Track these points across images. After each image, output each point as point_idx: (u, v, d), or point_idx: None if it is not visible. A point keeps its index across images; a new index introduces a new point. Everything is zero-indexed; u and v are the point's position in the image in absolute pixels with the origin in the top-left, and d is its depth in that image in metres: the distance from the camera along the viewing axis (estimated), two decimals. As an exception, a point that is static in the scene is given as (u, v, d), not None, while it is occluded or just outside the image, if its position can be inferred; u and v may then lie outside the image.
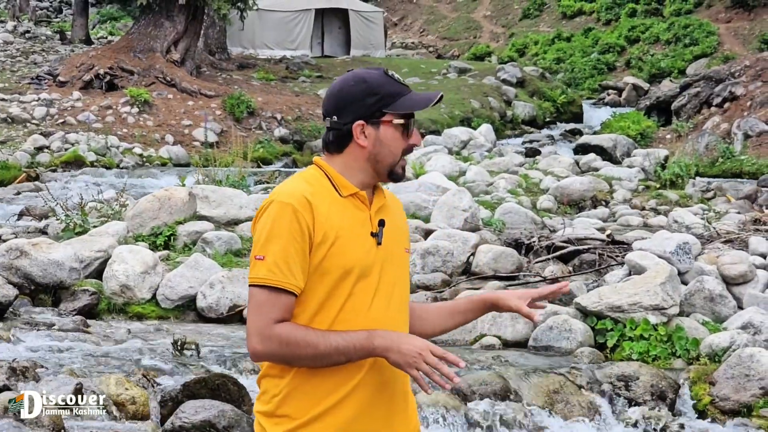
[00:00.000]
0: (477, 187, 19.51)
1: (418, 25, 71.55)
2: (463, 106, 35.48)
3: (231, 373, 8.47)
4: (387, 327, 3.91)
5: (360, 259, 3.92)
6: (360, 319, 3.90)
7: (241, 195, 14.46)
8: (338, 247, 3.89)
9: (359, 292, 3.92)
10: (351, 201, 3.99)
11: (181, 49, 33.80)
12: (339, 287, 3.90)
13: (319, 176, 4.02)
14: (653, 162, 22.96)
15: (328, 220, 3.89)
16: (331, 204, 3.93)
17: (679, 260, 10.69)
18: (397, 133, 4.00)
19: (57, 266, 10.82)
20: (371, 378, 3.92)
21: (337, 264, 3.89)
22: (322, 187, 3.98)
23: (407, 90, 4.03)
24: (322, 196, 3.94)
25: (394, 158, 4.00)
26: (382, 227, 3.98)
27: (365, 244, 3.94)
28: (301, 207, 3.86)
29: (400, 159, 4.02)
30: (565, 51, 53.53)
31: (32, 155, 25.41)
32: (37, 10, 64.51)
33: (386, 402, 3.96)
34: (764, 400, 8.67)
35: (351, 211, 3.97)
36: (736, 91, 30.61)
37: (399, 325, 3.99)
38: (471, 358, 9.30)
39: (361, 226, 3.96)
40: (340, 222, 3.92)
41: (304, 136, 30.71)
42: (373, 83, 4.01)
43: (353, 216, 3.96)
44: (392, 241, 4.03)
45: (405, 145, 4.01)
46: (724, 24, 50.06)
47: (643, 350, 9.49)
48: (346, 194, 3.98)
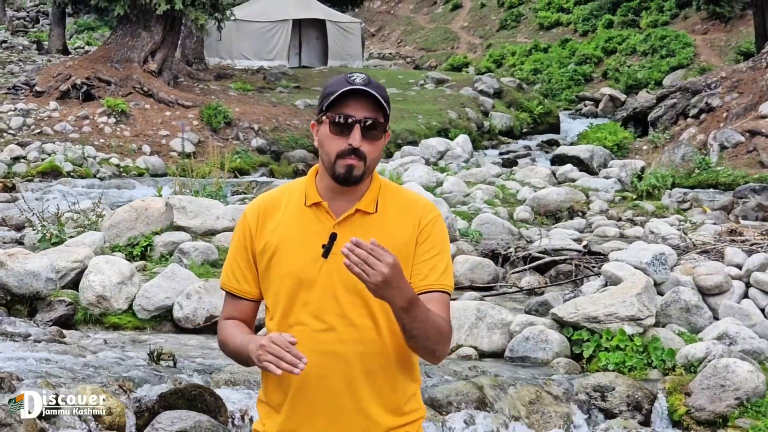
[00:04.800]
0: (454, 198, 19.53)
1: (395, 36, 71.69)
2: (440, 116, 35.51)
3: (207, 383, 8.45)
4: (314, 339, 3.95)
5: (296, 270, 3.96)
6: (289, 329, 3.98)
7: (218, 205, 14.43)
8: (277, 258, 4.00)
9: (295, 302, 3.98)
10: (313, 211, 4.01)
11: (158, 59, 33.74)
12: (279, 297, 4.01)
13: (300, 183, 4.09)
14: (630, 173, 23.03)
15: (275, 231, 4.01)
16: (288, 213, 4.01)
17: (655, 271, 10.73)
18: (330, 132, 3.97)
19: (33, 277, 10.79)
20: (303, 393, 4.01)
21: (275, 274, 4.01)
22: (292, 195, 4.06)
23: (347, 86, 3.96)
24: (285, 205, 4.04)
25: (329, 157, 3.97)
26: (333, 240, 3.90)
27: (310, 256, 3.95)
28: (250, 214, 4.09)
29: (337, 159, 3.95)
30: (542, 62, 53.69)
31: (9, 165, 25.32)
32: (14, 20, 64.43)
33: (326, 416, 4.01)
34: (740, 410, 8.71)
35: (308, 220, 4.00)
36: (712, 103, 30.72)
37: (334, 338, 3.98)
38: (447, 368, 9.30)
39: (313, 236, 3.97)
40: (288, 232, 3.99)
41: (282, 147, 30.68)
42: (329, 86, 4.01)
43: (307, 227, 3.99)
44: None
45: (342, 145, 3.94)
46: (701, 35, 50.32)
47: (619, 361, 9.51)
48: (309, 204, 4.02)
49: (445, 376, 9.04)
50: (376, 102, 3.95)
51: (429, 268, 4.03)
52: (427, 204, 4.11)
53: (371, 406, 4.01)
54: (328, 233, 3.93)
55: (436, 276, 4.02)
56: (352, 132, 3.92)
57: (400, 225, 4.05)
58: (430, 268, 4.03)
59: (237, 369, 8.67)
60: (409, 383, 4.12)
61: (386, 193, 4.09)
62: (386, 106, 3.99)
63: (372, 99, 3.95)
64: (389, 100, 4.04)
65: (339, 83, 3.95)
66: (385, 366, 4.00)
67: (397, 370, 4.05)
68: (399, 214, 4.06)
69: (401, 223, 4.05)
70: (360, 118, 3.93)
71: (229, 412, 8.02)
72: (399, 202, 4.08)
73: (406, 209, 4.07)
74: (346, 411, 3.99)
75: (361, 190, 4.04)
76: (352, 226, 3.98)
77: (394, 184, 4.19)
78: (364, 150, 3.93)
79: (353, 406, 3.99)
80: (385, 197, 4.07)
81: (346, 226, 3.98)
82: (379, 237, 3.87)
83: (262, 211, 4.05)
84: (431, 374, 8.96)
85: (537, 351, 9.90)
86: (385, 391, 4.03)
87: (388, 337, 3.98)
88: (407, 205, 4.08)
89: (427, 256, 4.03)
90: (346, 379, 3.97)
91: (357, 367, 3.97)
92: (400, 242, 4.00)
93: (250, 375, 8.54)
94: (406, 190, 4.19)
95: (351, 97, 3.94)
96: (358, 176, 3.96)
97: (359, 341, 3.98)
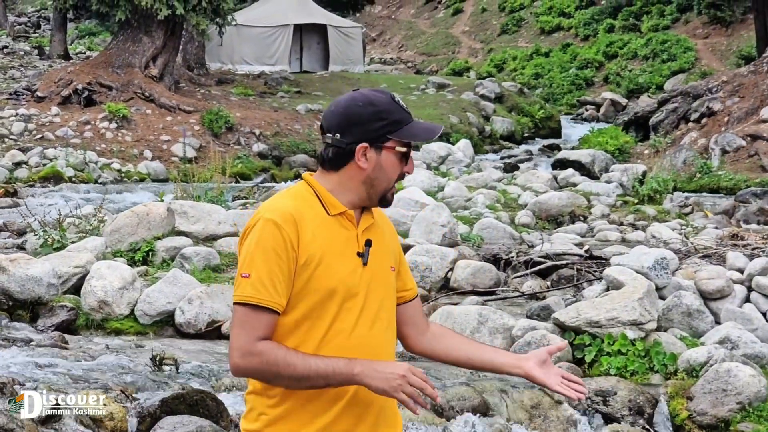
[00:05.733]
0: (455, 203, 19.54)
1: (396, 41, 71.73)
2: (441, 121, 35.49)
3: (209, 388, 8.45)
4: (372, 347, 3.95)
5: (344, 279, 3.92)
6: (344, 339, 3.92)
7: (219, 210, 14.43)
8: (323, 268, 3.89)
9: (344, 312, 3.93)
10: (338, 220, 3.98)
11: (159, 64, 33.78)
12: (324, 308, 3.91)
13: (307, 193, 4.01)
14: (631, 177, 23.01)
15: (314, 241, 3.89)
16: (317, 223, 3.93)
17: (656, 275, 10.72)
18: (397, 160, 4.00)
19: (35, 282, 10.78)
20: (356, 402, 3.94)
21: (322, 285, 3.89)
22: (309, 204, 3.97)
23: (411, 118, 4.01)
24: (309, 214, 3.93)
25: (388, 184, 4.01)
26: (369, 247, 3.97)
27: (350, 265, 3.95)
28: (286, 225, 3.85)
29: (393, 185, 4.02)
30: (543, 66, 53.75)
31: (10, 170, 25.35)
32: (16, 25, 64.48)
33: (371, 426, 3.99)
34: (741, 414, 8.70)
35: (337, 230, 3.96)
36: (713, 107, 30.72)
37: (384, 344, 4.03)
38: (449, 373, 9.30)
39: (346, 245, 3.96)
40: (326, 242, 3.91)
41: (283, 152, 30.70)
42: (381, 107, 3.96)
43: (339, 235, 3.96)
44: (379, 261, 4.03)
45: (401, 171, 4.02)
46: (702, 40, 50.33)
47: (621, 365, 9.51)
48: (334, 213, 3.97)
49: (446, 381, 9.04)
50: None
51: (409, 276, 4.30)
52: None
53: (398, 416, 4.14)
54: (354, 241, 3.98)
55: (413, 281, 4.33)
56: (410, 161, 4.05)
57: (390, 231, 4.23)
58: (409, 276, 4.31)
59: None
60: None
61: None
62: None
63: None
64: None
65: (399, 111, 4.00)
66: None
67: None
68: (384, 222, 4.20)
69: (389, 230, 4.22)
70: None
71: (231, 417, 8.01)
72: (377, 210, 4.17)
73: (382, 217, 4.21)
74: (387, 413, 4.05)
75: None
76: (370, 234, 4.04)
77: None
78: None
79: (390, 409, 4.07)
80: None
81: (368, 233, 4.04)
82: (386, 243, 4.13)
83: (297, 222, 3.90)
84: (432, 378, 8.96)
85: (539, 355, 9.88)
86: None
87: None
88: (381, 213, 4.21)
89: (405, 265, 4.30)
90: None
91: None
92: (395, 248, 4.20)
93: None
94: None
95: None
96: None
97: (393, 344, 4.13)
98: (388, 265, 4.09)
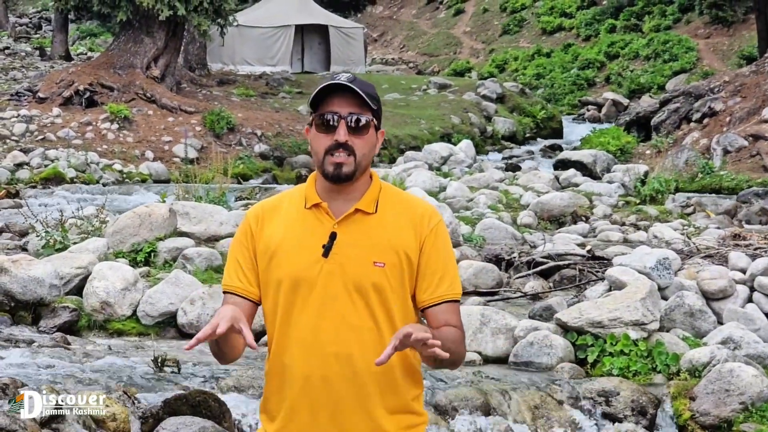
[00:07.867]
0: (457, 203, 19.54)
1: (398, 41, 71.72)
2: (443, 122, 35.53)
3: (212, 389, 8.45)
4: (320, 341, 3.95)
5: (295, 271, 3.96)
6: (299, 330, 3.98)
7: (221, 211, 14.43)
8: (278, 260, 4.00)
9: (301, 303, 3.97)
10: (313, 212, 4.02)
11: (161, 65, 33.77)
12: (284, 298, 3.99)
13: (301, 188, 4.12)
14: (633, 177, 23.02)
15: (275, 233, 4.02)
16: (290, 215, 4.04)
17: (659, 275, 10.71)
18: (318, 132, 4.00)
19: (37, 283, 10.78)
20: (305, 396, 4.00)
21: (273, 276, 4.01)
22: (292, 198, 4.09)
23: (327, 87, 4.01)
24: (286, 207, 4.07)
25: (318, 156, 4.00)
26: (333, 240, 3.95)
27: (310, 257, 3.96)
28: (252, 218, 4.11)
29: (325, 156, 3.97)
30: (544, 67, 53.75)
31: (12, 172, 25.35)
32: (17, 26, 64.50)
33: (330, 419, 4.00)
34: (744, 415, 8.70)
35: (310, 222, 4.01)
36: (715, 107, 30.72)
37: (336, 341, 3.97)
38: (451, 374, 9.30)
39: (312, 237, 3.98)
40: (290, 233, 4.00)
41: (285, 152, 30.69)
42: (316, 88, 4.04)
43: (307, 228, 4.00)
44: (353, 254, 3.96)
45: (329, 142, 3.96)
46: (704, 40, 50.32)
47: (624, 365, 9.50)
48: (309, 205, 4.03)
49: (449, 381, 9.03)
50: (361, 99, 3.96)
51: (438, 277, 4.05)
52: (428, 208, 4.11)
53: (375, 409, 4.00)
54: (328, 234, 3.97)
55: (445, 286, 4.05)
56: (338, 128, 3.94)
57: (400, 227, 4.04)
58: (439, 277, 4.05)
59: (242, 375, 8.67)
60: (412, 386, 4.10)
61: (386, 194, 4.10)
62: (371, 102, 3.99)
63: (356, 96, 3.96)
64: (377, 97, 4.04)
65: (323, 83, 3.98)
66: (386, 368, 3.94)
67: (400, 373, 4.04)
68: (399, 216, 4.05)
69: (401, 225, 4.04)
70: (344, 114, 3.96)
71: (234, 418, 8.01)
72: (399, 204, 4.09)
73: (406, 211, 4.07)
74: (349, 413, 3.98)
75: (360, 191, 4.05)
76: (352, 225, 3.99)
77: (395, 187, 4.20)
78: (352, 144, 3.95)
79: (356, 408, 3.98)
80: (385, 198, 4.08)
81: (346, 225, 3.99)
82: (379, 237, 3.97)
83: (263, 214, 4.09)
84: (435, 379, 8.96)
85: (541, 356, 9.88)
86: (388, 394, 4.02)
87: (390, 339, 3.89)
88: (407, 208, 4.08)
89: (435, 266, 4.05)
90: (349, 380, 3.96)
91: (359, 369, 3.96)
92: (399, 243, 4.01)
93: (254, 381, 8.54)
94: (407, 194, 4.21)
95: (336, 95, 3.97)
96: (349, 172, 3.97)
97: (361, 343, 3.97)
98: (368, 260, 3.97)
